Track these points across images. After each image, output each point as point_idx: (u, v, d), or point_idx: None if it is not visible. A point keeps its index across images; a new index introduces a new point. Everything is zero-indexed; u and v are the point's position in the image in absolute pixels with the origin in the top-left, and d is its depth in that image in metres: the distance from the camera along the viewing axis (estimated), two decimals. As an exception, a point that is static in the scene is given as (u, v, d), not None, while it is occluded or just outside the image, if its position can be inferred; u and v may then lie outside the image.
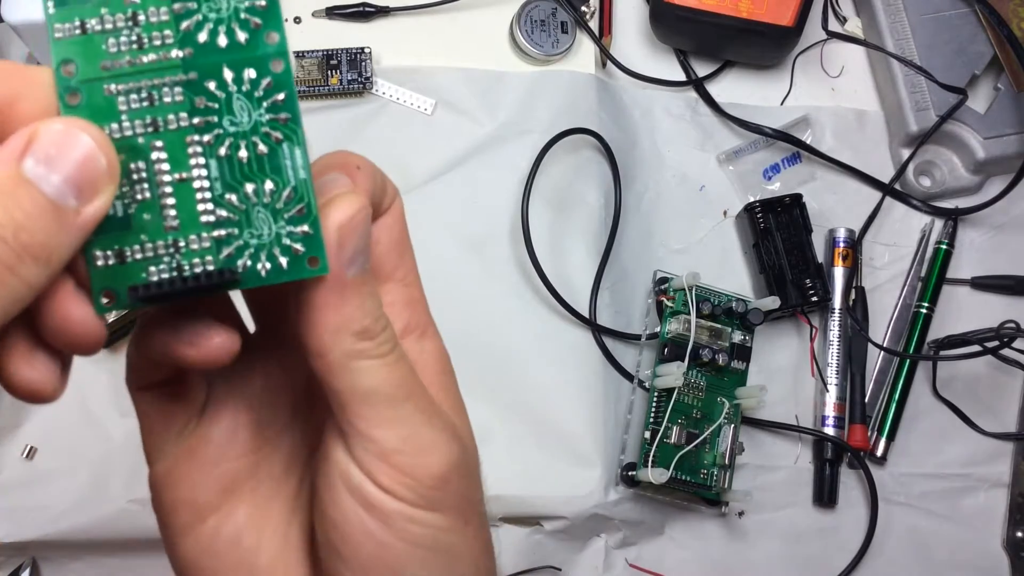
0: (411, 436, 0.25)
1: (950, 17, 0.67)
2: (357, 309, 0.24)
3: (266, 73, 0.23)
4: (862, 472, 0.62)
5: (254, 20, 0.23)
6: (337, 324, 0.24)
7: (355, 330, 0.24)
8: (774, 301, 0.60)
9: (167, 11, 0.23)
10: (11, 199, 0.20)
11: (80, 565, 0.56)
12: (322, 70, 0.61)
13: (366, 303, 0.24)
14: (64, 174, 0.21)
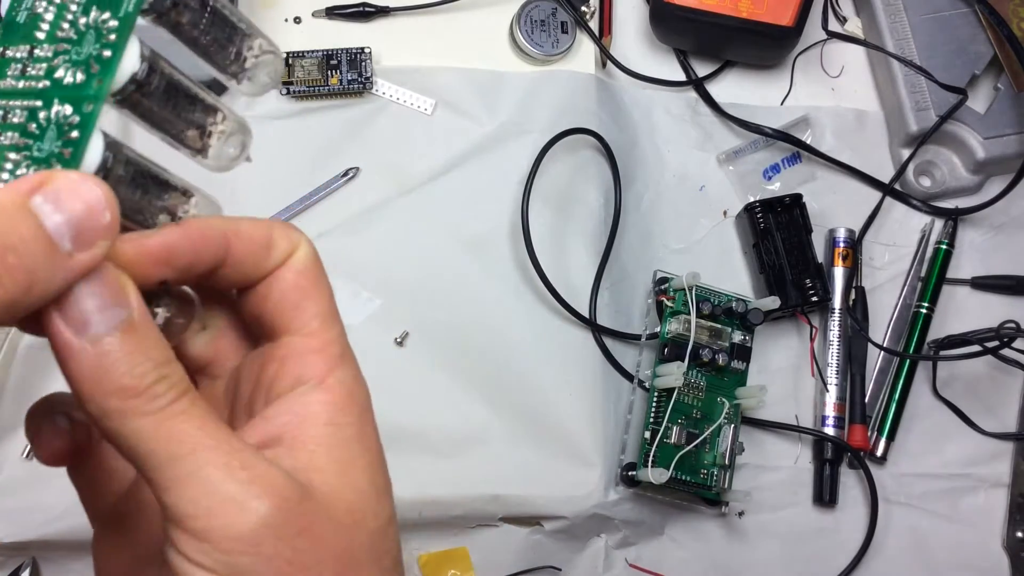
0: (202, 496, 0.23)
1: (950, 17, 0.67)
2: (107, 371, 0.22)
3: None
4: (862, 472, 0.62)
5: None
6: (91, 389, 0.22)
7: (111, 391, 0.22)
8: (774, 301, 0.60)
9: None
10: (10, 223, 0.21)
11: (80, 565, 0.56)
12: (322, 70, 0.61)
13: (120, 363, 0.22)
14: (67, 217, 0.22)
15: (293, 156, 0.61)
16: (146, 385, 0.23)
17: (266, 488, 0.23)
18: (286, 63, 0.61)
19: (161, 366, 0.23)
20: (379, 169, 0.61)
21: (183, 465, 0.23)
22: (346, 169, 0.61)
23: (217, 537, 0.23)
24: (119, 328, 0.22)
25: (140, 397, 0.22)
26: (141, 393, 0.22)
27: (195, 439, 0.23)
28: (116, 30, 0.23)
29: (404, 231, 0.61)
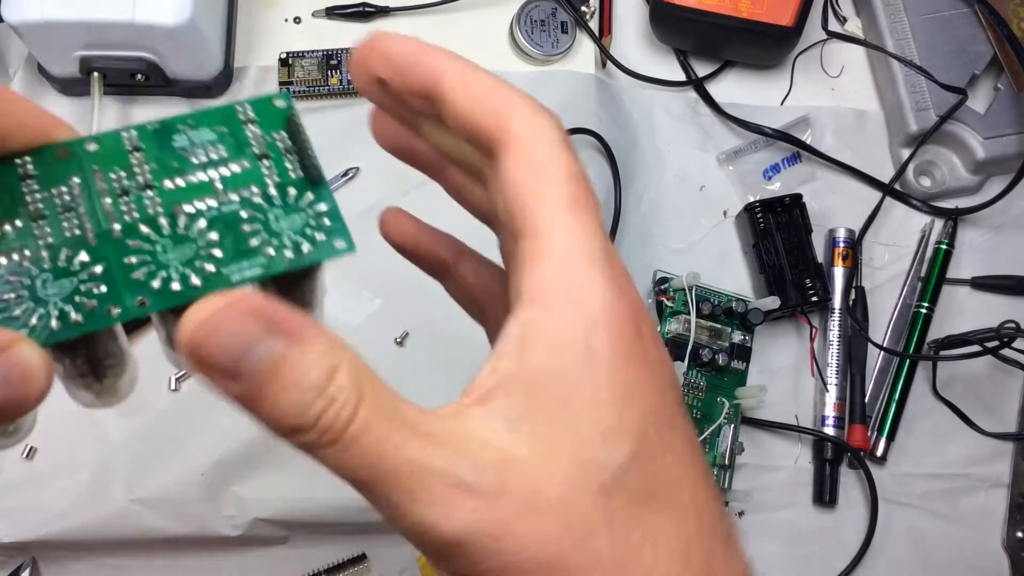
0: (396, 518, 0.22)
1: (950, 17, 0.67)
2: (271, 414, 0.21)
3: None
4: (862, 472, 0.62)
5: None
6: (276, 431, 0.21)
7: (286, 432, 0.21)
8: (774, 301, 0.60)
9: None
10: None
11: (80, 565, 0.56)
12: (322, 70, 0.61)
13: (279, 403, 0.21)
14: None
15: (293, 156, 0.61)
16: (314, 417, 0.21)
17: (452, 502, 0.21)
18: (286, 63, 0.61)
19: (324, 389, 0.21)
20: (379, 169, 0.61)
21: (374, 492, 0.22)
22: (346, 169, 0.61)
23: (427, 551, 0.22)
24: (265, 366, 0.20)
25: (312, 431, 0.21)
26: (312, 427, 0.21)
27: (374, 468, 0.21)
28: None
29: (404, 231, 0.61)
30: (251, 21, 0.63)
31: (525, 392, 0.22)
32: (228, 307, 0.21)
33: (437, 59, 0.24)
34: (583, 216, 0.23)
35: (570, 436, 0.22)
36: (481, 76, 0.24)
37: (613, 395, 0.22)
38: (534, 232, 0.23)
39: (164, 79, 0.58)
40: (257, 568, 0.57)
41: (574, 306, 0.22)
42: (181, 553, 0.56)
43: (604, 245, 0.23)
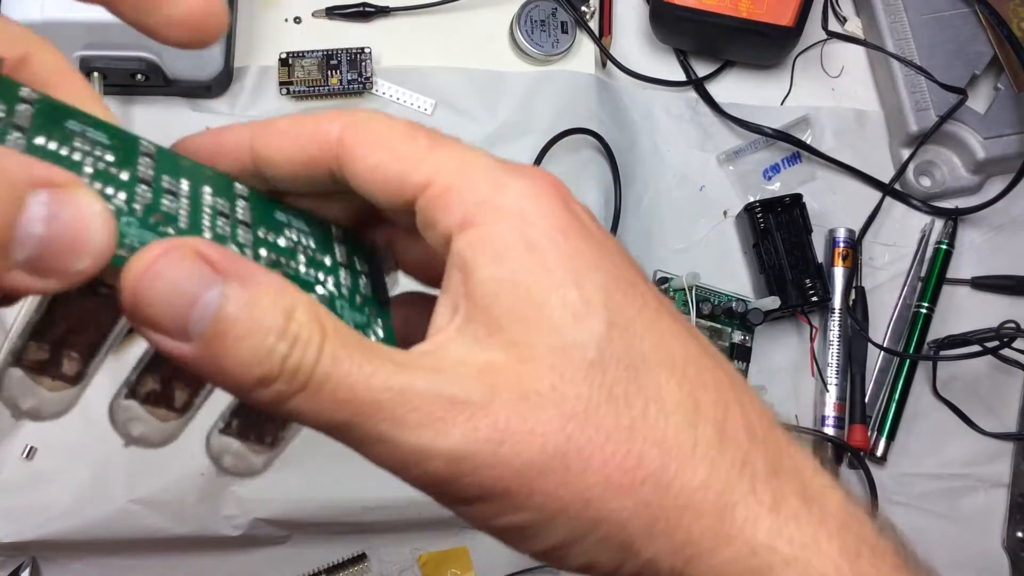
0: (389, 456, 0.21)
1: (950, 17, 0.67)
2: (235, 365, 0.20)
3: None
4: (862, 472, 0.62)
5: None
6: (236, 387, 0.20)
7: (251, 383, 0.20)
8: (774, 301, 0.60)
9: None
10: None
11: (80, 565, 0.56)
12: (322, 70, 0.61)
13: (240, 352, 0.19)
14: (48, 236, 0.18)
15: (293, 156, 0.61)
16: (277, 365, 0.20)
17: (443, 422, 0.20)
18: (286, 63, 0.61)
19: (285, 331, 0.20)
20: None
21: (356, 431, 0.20)
22: (346, 169, 0.61)
23: (426, 483, 0.21)
24: (221, 312, 0.19)
25: (279, 379, 0.20)
26: (278, 375, 0.20)
27: (352, 403, 0.20)
28: None
29: (404, 231, 0.61)
30: (251, 21, 0.63)
31: (484, 310, 0.22)
32: (168, 252, 0.19)
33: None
34: (449, 144, 0.23)
35: (541, 329, 0.21)
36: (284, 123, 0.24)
37: (566, 273, 0.22)
38: (421, 186, 0.22)
39: (164, 79, 0.58)
40: (257, 568, 0.57)
41: (495, 211, 0.22)
42: (181, 553, 0.56)
43: (486, 153, 0.23)
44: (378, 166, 0.23)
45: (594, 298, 0.22)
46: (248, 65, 0.62)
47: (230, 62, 0.61)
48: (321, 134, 0.23)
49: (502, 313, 0.21)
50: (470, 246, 0.22)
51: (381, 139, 0.23)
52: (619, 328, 0.22)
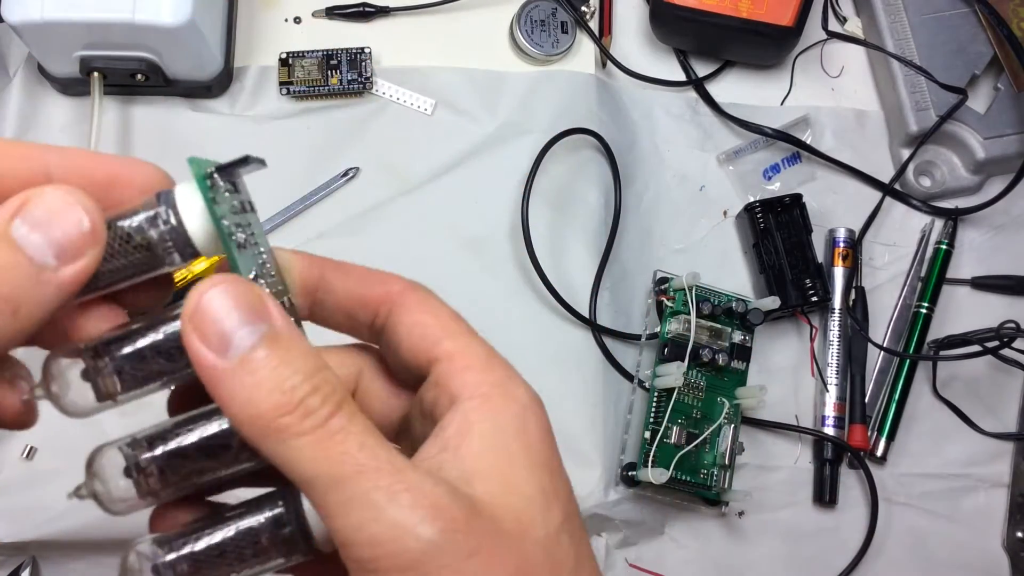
0: (367, 522, 0.22)
1: (950, 17, 0.67)
2: (255, 389, 0.22)
3: None
4: (862, 472, 0.62)
5: None
6: (243, 411, 0.22)
7: (263, 410, 0.22)
8: (774, 301, 0.60)
9: None
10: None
11: (80, 565, 0.56)
12: (322, 70, 0.61)
13: (267, 379, 0.22)
14: (47, 236, 0.22)
15: (293, 156, 0.61)
16: (298, 399, 0.22)
17: (431, 510, 0.22)
18: (286, 63, 0.61)
19: (311, 376, 0.22)
20: (379, 169, 0.61)
21: (346, 490, 0.22)
22: (346, 169, 0.61)
23: (384, 566, 0.22)
24: (262, 342, 0.22)
25: (294, 413, 0.22)
26: (294, 408, 0.22)
27: (357, 460, 0.22)
28: None
29: (404, 231, 0.61)
30: (251, 21, 0.63)
31: (472, 458, 0.24)
32: (238, 283, 0.23)
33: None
34: (480, 338, 0.28)
35: (518, 493, 0.24)
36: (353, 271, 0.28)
37: (547, 465, 0.25)
38: (451, 355, 0.26)
39: (164, 79, 0.58)
40: (257, 568, 0.57)
41: (507, 397, 0.26)
42: (181, 553, 0.56)
43: (503, 358, 0.28)
44: (421, 324, 0.27)
45: (561, 495, 0.25)
46: (248, 65, 0.62)
47: (230, 62, 0.61)
48: (388, 282, 0.28)
49: (488, 470, 0.24)
50: (478, 410, 0.25)
51: (432, 307, 0.27)
52: (568, 527, 0.25)
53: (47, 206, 0.22)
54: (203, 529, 0.26)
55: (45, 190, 0.23)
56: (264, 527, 0.26)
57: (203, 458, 0.25)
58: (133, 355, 0.25)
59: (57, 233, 0.22)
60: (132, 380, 0.25)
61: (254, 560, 0.26)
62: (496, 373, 0.26)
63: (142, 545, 0.27)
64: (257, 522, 0.26)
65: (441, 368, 0.26)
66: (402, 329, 0.27)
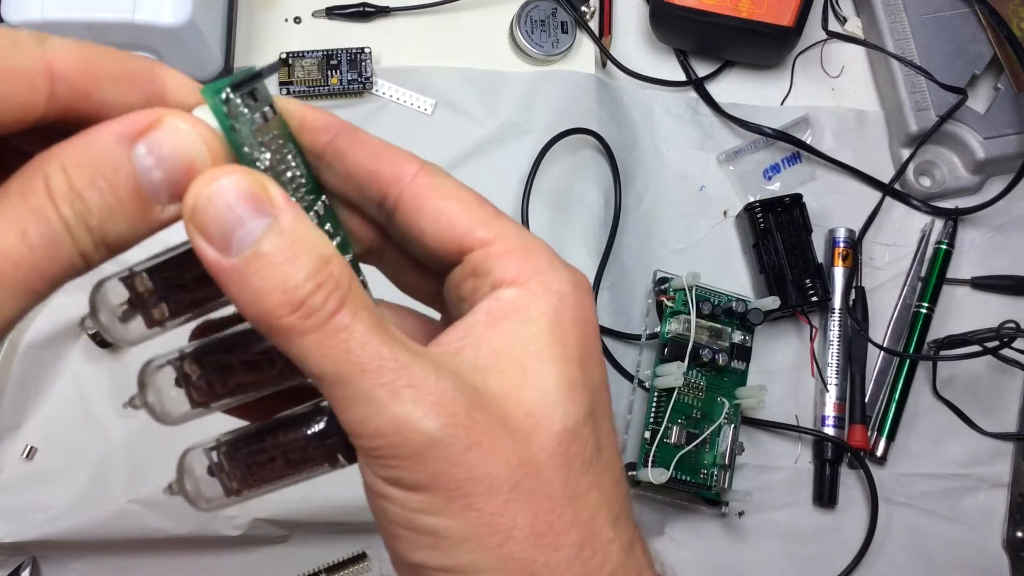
0: (371, 417, 0.22)
1: (950, 17, 0.67)
2: (260, 287, 0.21)
3: None
4: (862, 472, 0.62)
5: None
6: (251, 310, 0.22)
7: (268, 309, 0.21)
8: (774, 301, 0.60)
9: None
10: (110, 183, 0.21)
11: (80, 565, 0.56)
12: (322, 70, 0.61)
13: (270, 277, 0.21)
14: (167, 174, 0.21)
15: (293, 156, 0.61)
16: (300, 298, 0.21)
17: (433, 406, 0.22)
18: (286, 63, 0.61)
19: (316, 272, 0.22)
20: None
21: (350, 387, 0.22)
22: (346, 169, 0.61)
23: (387, 455, 0.22)
24: (263, 238, 0.21)
25: (296, 312, 0.21)
26: (296, 307, 0.21)
27: (360, 359, 0.22)
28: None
29: (404, 231, 0.61)
30: (251, 21, 0.63)
31: (494, 352, 0.24)
32: (233, 174, 0.21)
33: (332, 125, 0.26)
34: (512, 220, 0.26)
35: (536, 386, 0.24)
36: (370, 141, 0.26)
37: (578, 358, 0.25)
38: (486, 243, 0.25)
39: (164, 79, 0.58)
40: (257, 567, 0.57)
41: (545, 288, 0.25)
42: (181, 553, 0.56)
43: (541, 241, 0.26)
44: (447, 211, 0.25)
45: (587, 386, 0.25)
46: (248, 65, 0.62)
47: (230, 62, 0.61)
48: (400, 162, 0.26)
49: (508, 362, 0.24)
50: (512, 300, 0.25)
51: (455, 192, 0.26)
52: (593, 419, 0.25)
53: (175, 140, 0.21)
54: (254, 435, 0.27)
55: (177, 121, 0.21)
56: (311, 436, 0.26)
57: (248, 371, 0.26)
58: (222, 367, 0.26)
59: (178, 173, 0.21)
60: (222, 388, 0.26)
61: (301, 466, 0.27)
62: (536, 261, 0.25)
63: (197, 448, 0.28)
64: (304, 431, 0.26)
65: (477, 256, 0.25)
66: (424, 217, 0.25)
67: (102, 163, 0.21)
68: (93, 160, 0.21)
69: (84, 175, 0.20)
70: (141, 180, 0.21)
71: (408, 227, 0.26)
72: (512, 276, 0.25)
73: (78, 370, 0.56)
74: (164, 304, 0.25)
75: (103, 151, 0.21)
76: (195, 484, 0.27)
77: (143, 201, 0.21)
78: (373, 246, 0.28)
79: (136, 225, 0.21)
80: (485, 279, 0.25)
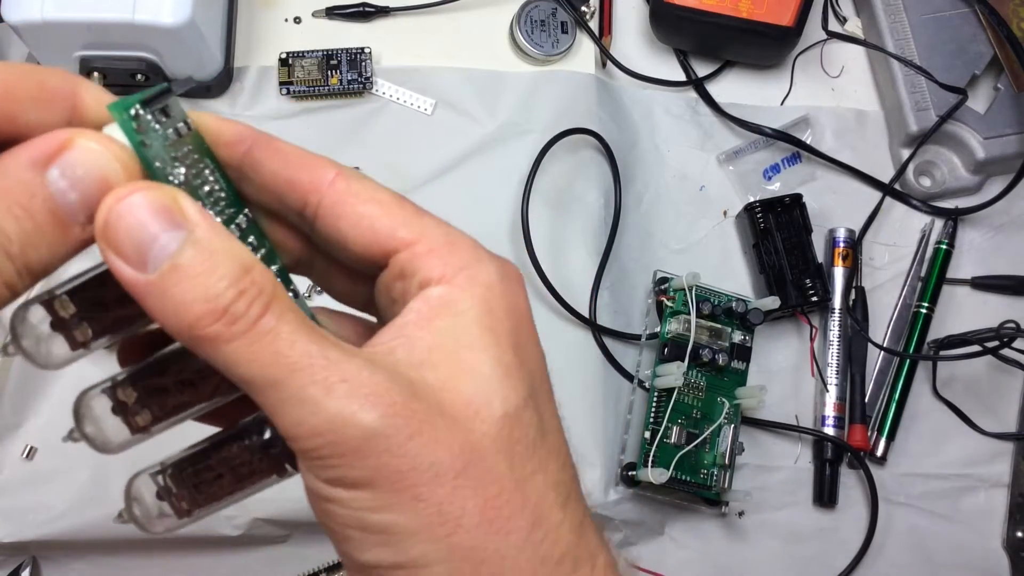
0: (307, 416, 0.22)
1: (950, 17, 0.67)
2: (180, 300, 0.21)
3: None
4: (862, 472, 0.62)
5: None
6: (173, 322, 0.22)
7: (191, 320, 0.21)
8: (774, 301, 0.60)
9: None
10: (26, 210, 0.21)
11: (80, 565, 0.56)
12: (322, 70, 0.61)
13: (190, 289, 0.21)
14: (83, 195, 0.21)
15: (293, 156, 0.61)
16: (223, 306, 0.21)
17: (369, 398, 0.22)
18: (286, 63, 0.61)
19: (237, 280, 0.22)
20: (379, 169, 0.61)
21: (282, 389, 0.22)
22: (346, 169, 0.61)
23: (327, 454, 0.22)
24: (180, 251, 0.21)
25: (220, 320, 0.21)
26: (220, 316, 0.21)
27: (289, 360, 0.22)
28: None
29: (404, 231, 0.61)
30: (251, 21, 0.63)
31: (427, 348, 0.24)
32: (144, 191, 0.21)
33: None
34: (433, 216, 0.26)
35: (472, 376, 0.24)
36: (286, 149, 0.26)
37: (511, 344, 0.25)
38: (409, 243, 0.25)
39: (164, 79, 0.58)
40: (257, 567, 0.57)
41: (472, 281, 0.25)
42: (181, 553, 0.56)
43: (465, 234, 0.26)
44: (367, 216, 0.25)
45: (524, 372, 0.25)
46: (248, 65, 0.62)
47: (230, 62, 0.61)
48: (318, 169, 0.25)
49: (443, 356, 0.24)
50: (441, 296, 0.24)
51: (374, 195, 0.26)
52: (533, 403, 0.25)
53: (88, 160, 0.21)
54: (199, 454, 0.27)
55: (87, 141, 0.21)
56: (255, 447, 0.26)
57: (184, 391, 0.26)
58: (158, 388, 0.26)
59: (94, 193, 0.21)
60: (160, 411, 0.26)
61: (248, 480, 0.27)
62: (460, 256, 0.25)
63: (143, 474, 0.28)
64: (248, 444, 0.26)
65: (402, 258, 0.25)
66: (345, 223, 0.25)
67: (16, 191, 0.21)
68: (6, 189, 0.21)
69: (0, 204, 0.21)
70: (57, 203, 0.21)
71: (330, 234, 0.26)
72: (439, 274, 0.25)
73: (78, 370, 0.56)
74: (86, 325, 0.25)
75: (16, 178, 0.21)
76: (145, 510, 0.27)
77: (62, 224, 0.21)
78: (301, 256, 0.28)
79: (57, 248, 0.21)
80: (412, 279, 0.25)
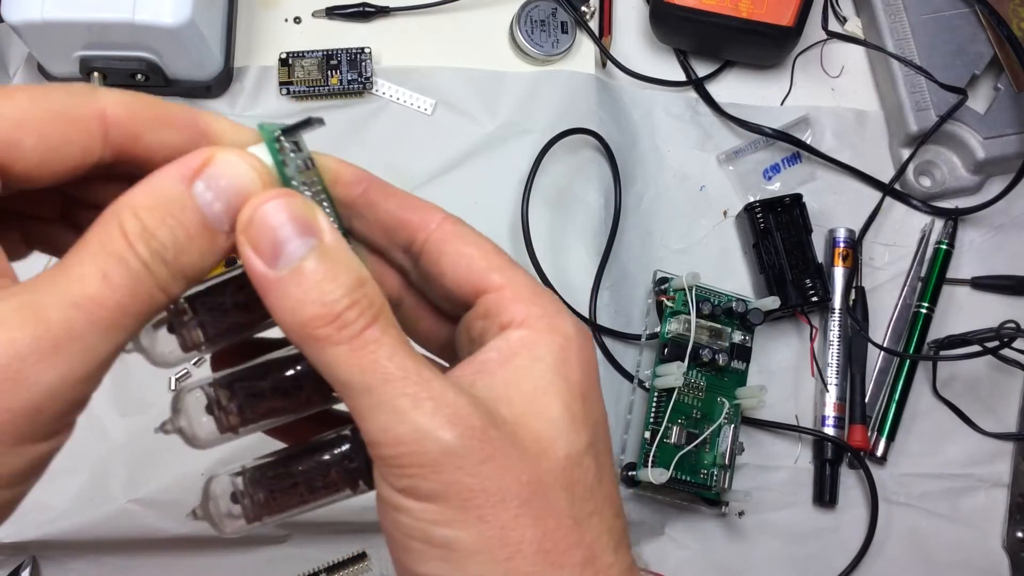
0: (392, 425, 0.24)
1: (950, 17, 0.67)
2: (300, 299, 0.24)
3: None
4: (862, 472, 0.62)
5: None
6: (288, 319, 0.24)
7: (305, 319, 0.24)
8: (774, 301, 0.60)
9: None
10: (177, 220, 0.23)
11: (80, 564, 0.56)
12: (322, 70, 0.61)
13: (311, 291, 0.24)
14: (227, 204, 0.24)
15: (293, 156, 0.61)
16: (337, 312, 0.24)
17: (452, 418, 0.24)
18: (286, 63, 0.61)
19: (352, 291, 0.24)
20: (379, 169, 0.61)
21: (375, 395, 0.24)
22: (346, 169, 0.61)
23: (405, 463, 0.24)
24: (309, 256, 0.24)
25: (332, 324, 0.23)
26: (332, 320, 0.23)
27: (386, 370, 0.24)
28: None
29: (404, 231, 0.61)
30: (251, 21, 0.63)
31: (504, 385, 0.26)
32: (292, 196, 0.24)
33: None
34: (522, 270, 0.28)
35: (543, 416, 0.26)
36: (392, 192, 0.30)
37: (580, 394, 0.27)
38: (500, 286, 0.27)
39: (164, 79, 0.58)
40: (257, 567, 0.57)
41: (552, 330, 0.27)
42: (181, 553, 0.56)
43: (548, 290, 0.29)
44: (467, 256, 0.28)
45: (588, 421, 0.27)
46: (248, 65, 0.62)
47: (230, 62, 0.61)
48: (427, 212, 0.29)
49: (518, 395, 0.26)
50: (521, 339, 0.26)
51: (476, 240, 0.29)
52: (593, 451, 0.27)
53: (228, 172, 0.24)
54: (278, 462, 0.28)
55: (227, 155, 0.24)
56: (333, 461, 0.28)
57: (277, 397, 0.28)
58: (254, 392, 0.27)
59: (236, 200, 0.24)
60: (252, 414, 0.28)
61: (323, 491, 0.28)
62: (544, 306, 0.27)
63: (222, 474, 0.29)
64: (327, 457, 0.28)
65: (490, 299, 0.27)
66: (446, 260, 0.28)
67: (169, 203, 0.23)
68: (160, 201, 0.23)
69: (155, 216, 0.23)
70: (204, 213, 0.24)
71: (431, 268, 0.28)
72: (521, 318, 0.27)
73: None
74: (200, 329, 0.27)
75: (168, 192, 0.23)
76: (218, 509, 0.28)
77: (210, 231, 0.24)
78: (391, 294, 0.30)
79: (207, 253, 0.24)
80: (495, 320, 0.27)
